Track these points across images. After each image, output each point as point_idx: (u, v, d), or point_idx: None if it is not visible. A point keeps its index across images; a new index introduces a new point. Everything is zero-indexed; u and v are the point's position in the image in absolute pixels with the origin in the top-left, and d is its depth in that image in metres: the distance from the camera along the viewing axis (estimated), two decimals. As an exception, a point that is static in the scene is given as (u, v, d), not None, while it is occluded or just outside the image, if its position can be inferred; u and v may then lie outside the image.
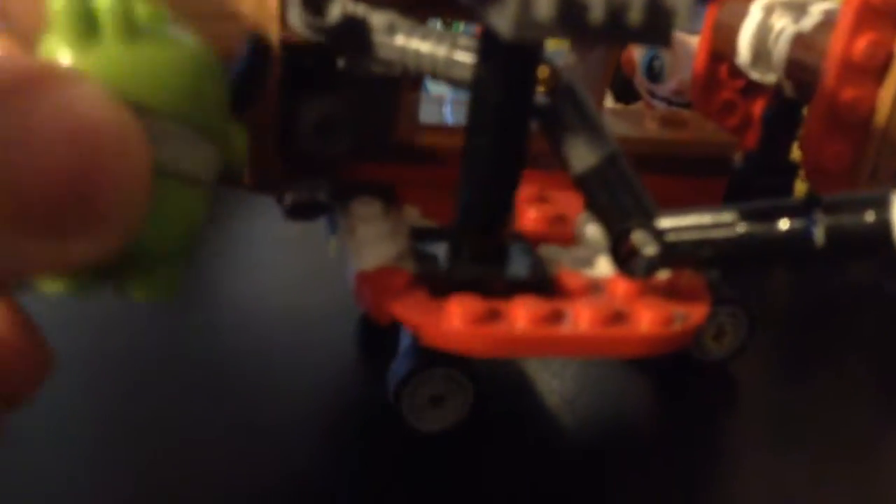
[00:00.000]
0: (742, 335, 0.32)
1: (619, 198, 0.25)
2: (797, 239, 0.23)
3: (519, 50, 0.22)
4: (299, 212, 0.29)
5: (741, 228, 0.23)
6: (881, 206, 0.22)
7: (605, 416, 0.30)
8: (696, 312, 0.26)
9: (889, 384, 0.34)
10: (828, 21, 0.33)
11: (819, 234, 0.22)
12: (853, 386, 0.34)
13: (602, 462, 0.28)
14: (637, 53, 0.53)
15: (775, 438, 0.30)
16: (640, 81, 0.53)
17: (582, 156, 0.24)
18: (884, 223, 0.22)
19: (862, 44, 0.30)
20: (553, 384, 0.31)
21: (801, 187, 0.41)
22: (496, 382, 0.30)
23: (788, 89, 0.35)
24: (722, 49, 0.38)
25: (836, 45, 0.31)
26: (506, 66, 0.23)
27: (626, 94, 0.54)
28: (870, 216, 0.22)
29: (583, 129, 0.24)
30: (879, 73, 0.31)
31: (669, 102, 0.52)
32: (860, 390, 0.34)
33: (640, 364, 0.32)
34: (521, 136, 0.24)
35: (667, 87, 0.52)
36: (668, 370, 0.32)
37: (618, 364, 0.33)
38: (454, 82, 0.24)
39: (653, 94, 0.53)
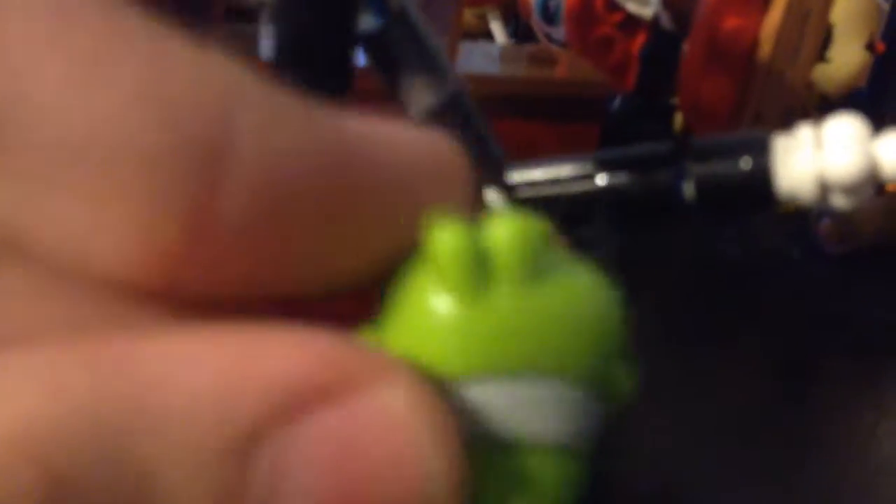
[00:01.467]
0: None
1: (462, 146, 0.21)
2: (664, 193, 0.19)
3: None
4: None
5: (600, 182, 0.20)
6: (759, 150, 0.18)
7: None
8: None
9: (787, 356, 0.32)
10: (709, -58, 0.29)
11: (689, 187, 0.19)
12: (747, 355, 0.32)
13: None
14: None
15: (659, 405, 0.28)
16: (537, 24, 0.49)
17: (418, 95, 0.20)
18: (762, 171, 0.18)
19: (744, -34, 0.27)
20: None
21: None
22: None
23: (666, 21, 0.31)
24: (597, -22, 0.34)
25: (715, -32, 0.27)
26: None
27: (525, 38, 0.50)
28: (746, 163, 0.18)
29: (419, 64, 0.20)
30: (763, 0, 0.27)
31: (567, 47, 0.48)
32: (754, 360, 0.32)
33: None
34: (341, 71, 0.20)
35: (564, 29, 0.48)
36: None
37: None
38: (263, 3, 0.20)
39: (550, 38, 0.49)
